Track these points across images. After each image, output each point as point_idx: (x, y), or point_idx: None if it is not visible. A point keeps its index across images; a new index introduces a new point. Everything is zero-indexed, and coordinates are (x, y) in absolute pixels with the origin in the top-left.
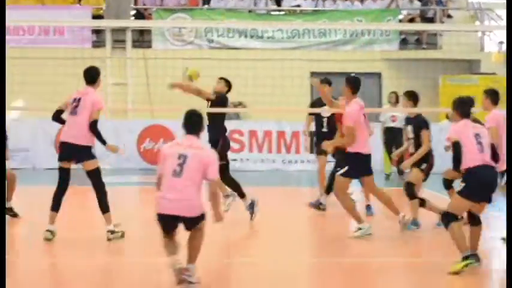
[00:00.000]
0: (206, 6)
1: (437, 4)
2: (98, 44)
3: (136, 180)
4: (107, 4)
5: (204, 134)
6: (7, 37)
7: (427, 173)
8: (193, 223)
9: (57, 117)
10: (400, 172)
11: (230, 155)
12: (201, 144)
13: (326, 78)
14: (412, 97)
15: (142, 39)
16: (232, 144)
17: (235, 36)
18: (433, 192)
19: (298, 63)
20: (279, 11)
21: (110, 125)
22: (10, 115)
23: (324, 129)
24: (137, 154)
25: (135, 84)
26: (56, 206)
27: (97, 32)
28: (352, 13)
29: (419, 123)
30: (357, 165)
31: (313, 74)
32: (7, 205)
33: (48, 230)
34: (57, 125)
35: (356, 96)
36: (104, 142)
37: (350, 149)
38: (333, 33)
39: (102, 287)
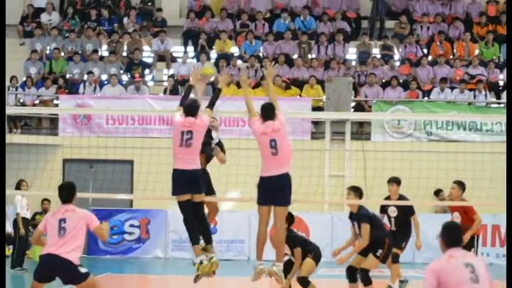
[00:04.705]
0: (426, 98)
1: None
2: (317, 135)
3: None
4: (327, 96)
5: None
6: (226, 128)
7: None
8: None
9: None
10: None
11: None
12: None
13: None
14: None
15: (361, 131)
16: None
17: (454, 129)
18: None
19: None
20: (499, 103)
21: (327, 217)
22: (223, 207)
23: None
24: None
25: (352, 177)
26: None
27: (316, 123)
28: None
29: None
30: None
31: None
32: None
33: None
34: None
35: None
36: None
37: None
38: None
39: None
